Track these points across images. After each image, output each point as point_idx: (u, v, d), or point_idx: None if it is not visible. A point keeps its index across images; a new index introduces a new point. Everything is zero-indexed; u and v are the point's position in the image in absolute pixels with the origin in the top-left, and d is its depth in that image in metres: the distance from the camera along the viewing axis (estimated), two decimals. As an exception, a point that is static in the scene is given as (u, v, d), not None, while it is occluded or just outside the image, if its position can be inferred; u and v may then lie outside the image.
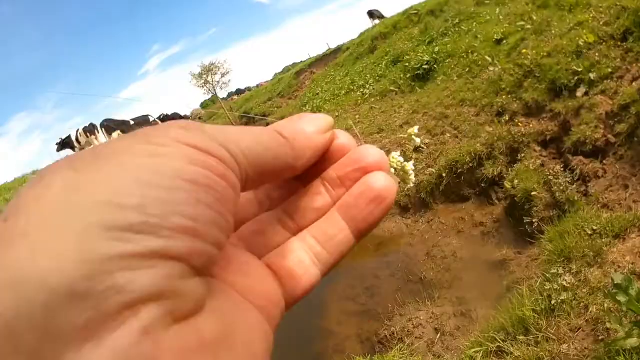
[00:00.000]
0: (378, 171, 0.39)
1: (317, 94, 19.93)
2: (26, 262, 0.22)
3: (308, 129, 0.39)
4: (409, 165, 0.47)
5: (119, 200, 0.25)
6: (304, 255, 0.39)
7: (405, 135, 0.51)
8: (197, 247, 0.27)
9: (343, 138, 0.42)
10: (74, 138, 18.34)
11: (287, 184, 0.43)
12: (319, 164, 0.41)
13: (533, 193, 5.60)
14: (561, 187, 5.35)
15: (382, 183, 0.39)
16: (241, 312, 0.33)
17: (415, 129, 0.50)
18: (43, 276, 0.22)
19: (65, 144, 18.80)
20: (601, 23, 6.76)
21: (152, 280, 0.24)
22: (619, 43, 6.22)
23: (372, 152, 0.40)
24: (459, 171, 7.18)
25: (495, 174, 6.72)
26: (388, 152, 0.45)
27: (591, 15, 7.11)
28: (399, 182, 0.48)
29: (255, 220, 0.41)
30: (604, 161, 5.36)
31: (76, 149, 18.67)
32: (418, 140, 0.50)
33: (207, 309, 0.28)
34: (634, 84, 5.51)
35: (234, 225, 0.31)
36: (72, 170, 0.26)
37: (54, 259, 0.22)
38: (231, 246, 0.38)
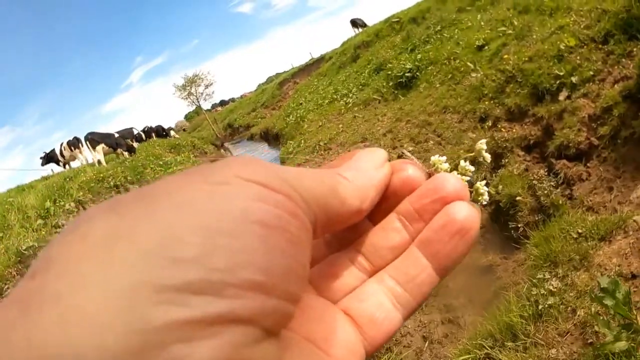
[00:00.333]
0: (459, 201, 0.35)
1: (301, 103, 20.01)
2: (57, 332, 0.18)
3: (366, 166, 0.36)
4: (482, 187, 0.42)
5: (174, 252, 0.20)
6: (384, 298, 0.35)
7: (474, 152, 0.44)
8: (270, 306, 0.22)
9: (409, 170, 0.38)
10: (58, 152, 18.23)
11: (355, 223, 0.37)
12: (385, 200, 0.37)
13: (518, 198, 5.60)
14: (545, 191, 5.35)
15: (465, 213, 0.34)
16: None
17: (483, 143, 0.44)
18: (78, 352, 0.17)
19: (49, 157, 18.70)
20: (582, 26, 6.81)
21: (215, 352, 0.20)
22: (600, 46, 6.27)
23: (451, 181, 0.36)
24: (443, 178, 7.17)
25: (480, 179, 6.70)
26: (456, 165, 0.41)
27: (572, 19, 7.17)
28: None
29: (326, 262, 0.37)
30: (588, 164, 5.37)
31: (60, 163, 18.61)
32: (488, 155, 0.44)
33: None
34: (615, 86, 5.53)
35: (309, 270, 0.27)
36: (115, 215, 0.22)
37: (91, 330, 0.18)
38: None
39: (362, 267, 0.36)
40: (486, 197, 0.41)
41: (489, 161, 0.44)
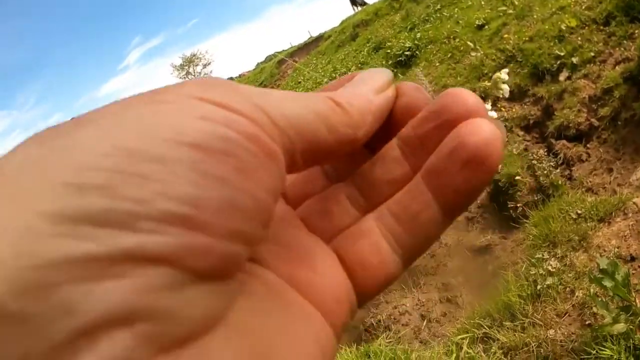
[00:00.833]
0: (474, 118, 0.28)
1: (300, 82, 19.89)
2: None
3: (364, 89, 0.30)
4: (504, 75, 0.35)
5: (79, 180, 0.17)
6: (380, 239, 0.29)
7: (490, 83, 0.38)
8: (198, 244, 0.18)
9: (413, 92, 0.32)
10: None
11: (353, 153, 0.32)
12: (386, 127, 0.31)
13: (517, 177, 5.60)
14: (545, 172, 5.35)
15: (482, 135, 0.27)
16: (291, 318, 0.25)
17: (504, 73, 0.38)
18: None
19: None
20: (583, 7, 6.75)
21: (118, 294, 0.16)
22: (602, 27, 6.22)
23: (464, 96, 0.29)
24: (442, 157, 7.16)
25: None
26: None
27: (573, 0, 7.09)
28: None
29: (319, 196, 0.32)
30: (588, 145, 5.36)
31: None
32: (507, 88, 0.37)
33: (226, 325, 0.20)
34: (616, 67, 5.51)
35: (274, 206, 0.23)
36: (36, 144, 0.19)
37: None
38: (291, 228, 0.30)
39: (358, 203, 0.31)
40: (507, 88, 0.36)
41: (506, 95, 0.38)
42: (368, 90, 0.30)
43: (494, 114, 0.42)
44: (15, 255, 0.15)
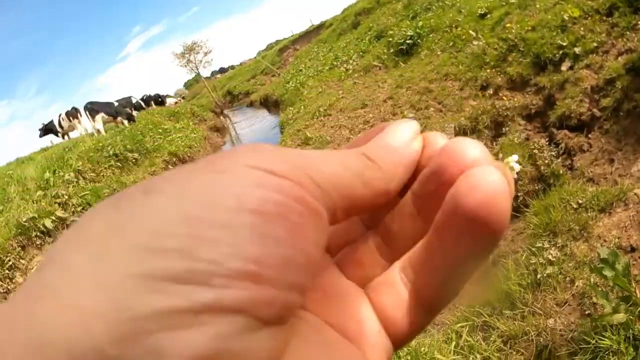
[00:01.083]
0: (473, 170, 0.27)
1: (301, 70, 19.84)
2: (52, 321, 0.19)
3: (394, 143, 0.32)
4: (512, 162, 0.35)
5: (160, 243, 0.20)
6: (404, 291, 0.31)
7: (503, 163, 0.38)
8: (263, 296, 0.22)
9: (439, 142, 0.32)
10: (56, 123, 18.08)
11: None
12: (415, 175, 0.32)
13: (518, 167, 5.60)
14: (546, 161, 5.35)
15: (480, 193, 0.26)
16: (337, 354, 0.28)
17: (513, 159, 0.39)
18: (69, 338, 0.18)
19: (47, 129, 18.57)
20: (586, -3, 6.72)
21: (200, 341, 0.20)
22: (605, 18, 6.20)
23: (461, 152, 0.28)
24: (443, 146, 7.15)
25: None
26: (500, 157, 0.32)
27: (576, -11, 7.06)
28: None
29: (353, 246, 0.34)
30: (589, 135, 5.36)
31: (59, 134, 18.50)
32: (517, 167, 0.38)
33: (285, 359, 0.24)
34: (619, 58, 5.50)
35: (320, 258, 0.26)
36: (113, 209, 0.22)
37: (82, 320, 0.19)
38: (330, 275, 0.33)
39: (385, 252, 0.33)
40: (517, 168, 0.36)
41: (515, 176, 0.39)
42: (397, 143, 0.32)
43: (516, 166, 0.40)
44: (114, 309, 0.19)
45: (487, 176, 0.26)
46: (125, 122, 17.90)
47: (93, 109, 17.04)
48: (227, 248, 0.21)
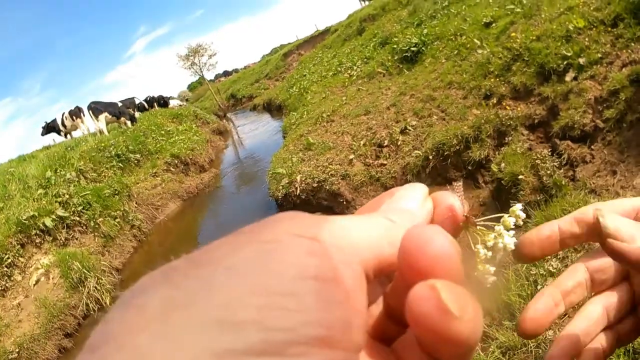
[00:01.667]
0: (423, 285, 0.25)
1: (305, 75, 19.92)
2: None
3: (408, 206, 0.34)
4: (518, 211, 0.36)
5: (232, 316, 0.20)
6: None
7: (507, 215, 0.40)
8: (335, 359, 0.22)
9: (450, 201, 0.36)
10: (59, 121, 18.10)
11: None
12: None
13: (520, 177, 5.60)
14: (548, 171, 5.34)
15: (426, 307, 0.25)
16: None
17: (518, 207, 0.40)
18: None
19: (50, 128, 18.58)
20: (592, 8, 6.72)
21: None
22: (609, 29, 6.19)
23: (419, 254, 0.27)
24: (445, 153, 7.19)
25: (482, 156, 6.73)
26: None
27: (582, 0, 7.07)
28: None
29: (371, 307, 0.35)
30: (592, 146, 5.35)
31: (61, 133, 18.51)
32: (523, 215, 0.40)
33: None
34: (623, 69, 5.48)
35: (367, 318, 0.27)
36: (169, 285, 0.22)
37: None
38: None
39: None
40: (511, 245, 0.37)
41: (521, 223, 0.40)
42: (412, 205, 0.34)
43: (522, 214, 0.39)
44: None
45: (437, 290, 0.25)
46: (129, 122, 17.95)
47: (97, 108, 17.09)
48: (298, 315, 0.21)
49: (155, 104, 26.79)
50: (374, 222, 0.30)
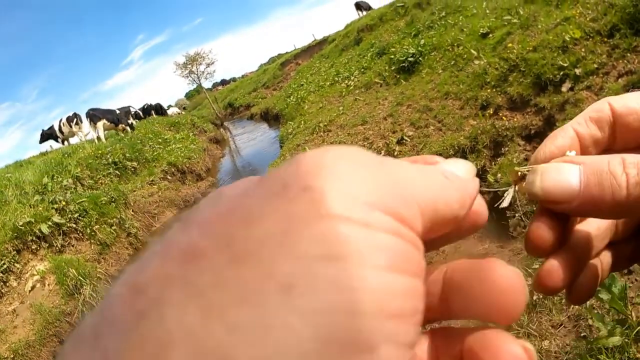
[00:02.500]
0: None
1: (302, 85, 19.92)
2: None
3: (460, 173, 0.30)
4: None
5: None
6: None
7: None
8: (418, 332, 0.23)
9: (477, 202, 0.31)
10: (56, 128, 18.09)
11: None
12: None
13: (516, 187, 5.59)
14: (545, 182, 5.35)
15: None
16: None
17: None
18: None
19: (47, 135, 18.57)
20: (588, 19, 6.76)
21: None
22: (606, 39, 6.23)
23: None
24: (442, 164, 7.17)
25: (479, 167, 6.72)
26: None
27: (578, 11, 7.11)
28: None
29: None
30: (588, 157, 5.36)
31: (59, 139, 18.50)
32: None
33: None
34: (620, 80, 5.51)
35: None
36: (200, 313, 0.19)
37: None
38: None
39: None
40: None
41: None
42: (464, 174, 0.30)
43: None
44: None
45: None
46: (128, 128, 17.98)
47: (95, 115, 17.10)
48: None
49: (152, 112, 26.79)
50: (431, 175, 0.27)
